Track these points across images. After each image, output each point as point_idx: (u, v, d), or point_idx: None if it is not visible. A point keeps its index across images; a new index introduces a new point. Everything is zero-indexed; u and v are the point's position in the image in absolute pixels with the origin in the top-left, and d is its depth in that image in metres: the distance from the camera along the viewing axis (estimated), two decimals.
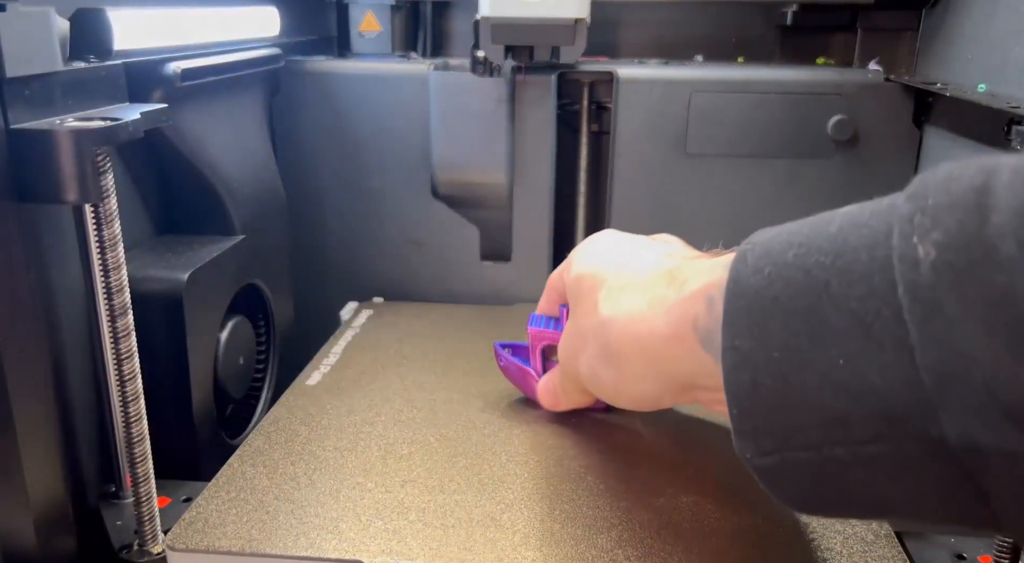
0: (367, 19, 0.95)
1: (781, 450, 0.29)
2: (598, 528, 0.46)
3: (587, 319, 0.45)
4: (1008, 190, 0.23)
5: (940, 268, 0.24)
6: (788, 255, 0.30)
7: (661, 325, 0.38)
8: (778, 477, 0.31)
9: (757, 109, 0.81)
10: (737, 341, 0.30)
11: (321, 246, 0.89)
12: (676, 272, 0.40)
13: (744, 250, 0.33)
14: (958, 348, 0.24)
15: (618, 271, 0.44)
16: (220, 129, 0.69)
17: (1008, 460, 0.24)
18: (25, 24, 0.42)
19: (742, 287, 0.31)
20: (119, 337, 0.45)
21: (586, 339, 0.45)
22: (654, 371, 0.40)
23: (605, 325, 0.43)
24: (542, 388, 0.55)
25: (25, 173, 0.42)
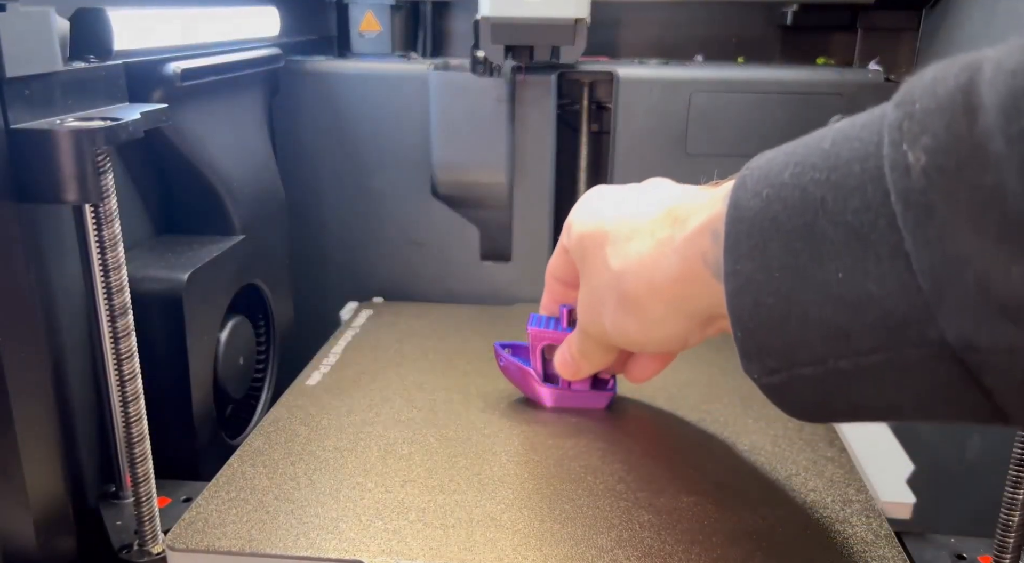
0: (367, 19, 0.95)
1: (787, 368, 0.30)
2: (598, 528, 0.46)
3: (599, 276, 0.44)
4: (991, 86, 0.23)
5: (931, 172, 0.24)
6: (784, 175, 0.30)
7: (672, 266, 0.38)
8: (786, 394, 0.31)
9: (757, 109, 0.81)
10: (739, 265, 0.31)
11: (321, 246, 0.89)
12: (676, 211, 0.40)
13: (743, 176, 0.34)
14: (951, 250, 0.24)
15: (618, 222, 0.44)
16: (220, 129, 0.69)
17: (1007, 356, 0.24)
18: (25, 24, 0.42)
19: (742, 212, 0.31)
20: (119, 337, 0.45)
21: (603, 296, 0.44)
22: (675, 312, 0.40)
23: (618, 277, 0.42)
24: (560, 362, 0.54)
25: (25, 173, 0.42)
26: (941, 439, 0.73)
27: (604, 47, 0.98)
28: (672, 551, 0.44)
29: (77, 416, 0.51)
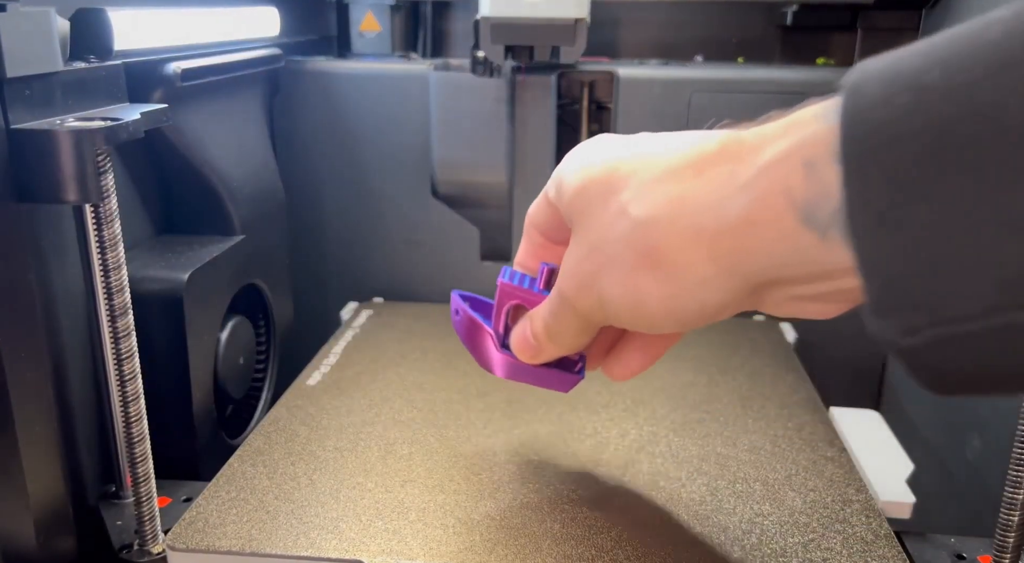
0: (367, 19, 0.95)
1: (941, 323, 0.24)
2: (598, 528, 0.46)
3: (610, 229, 0.35)
4: None
5: None
6: (929, 77, 0.23)
7: (735, 209, 0.30)
8: (932, 358, 0.25)
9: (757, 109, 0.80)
10: (871, 198, 0.24)
11: (321, 246, 0.89)
12: (736, 143, 0.34)
13: (855, 82, 0.26)
14: None
15: (641, 162, 0.35)
16: (220, 129, 0.69)
17: None
18: (25, 24, 0.42)
19: (867, 127, 0.24)
20: (119, 337, 0.45)
21: (613, 254, 0.34)
22: (727, 271, 0.31)
23: (644, 227, 0.33)
24: (518, 338, 0.42)
25: (25, 173, 0.42)
26: (941, 439, 0.73)
27: (604, 47, 0.98)
28: (671, 550, 0.44)
29: (77, 416, 0.51)
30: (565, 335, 0.39)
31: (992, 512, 0.46)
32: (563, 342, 0.40)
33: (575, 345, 0.40)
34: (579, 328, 0.38)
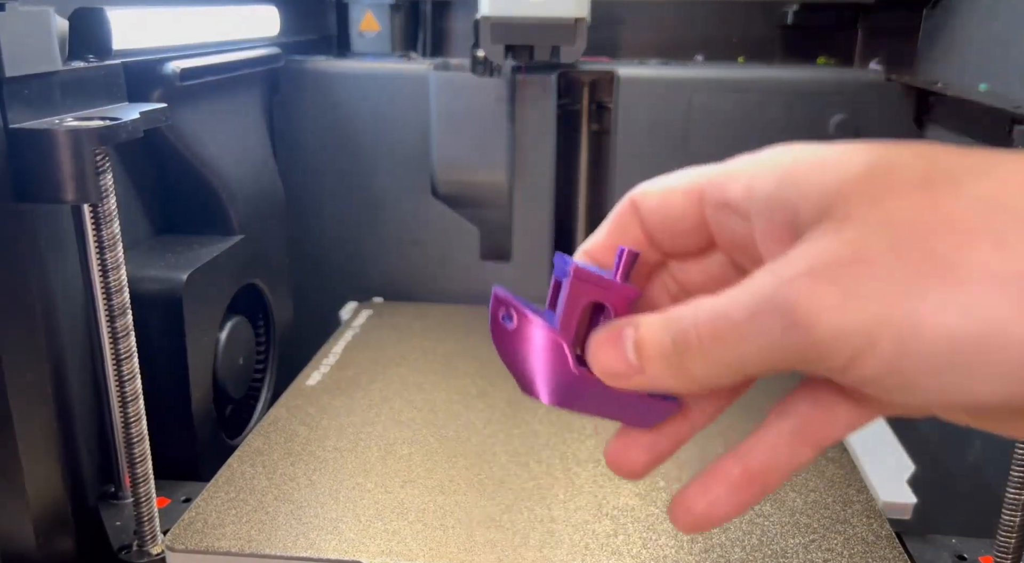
0: (367, 18, 0.95)
1: None
2: (598, 528, 0.46)
3: (945, 229, 0.20)
4: None
5: None
6: None
7: None
8: None
9: (758, 109, 0.81)
10: None
11: (321, 246, 0.89)
12: None
13: None
14: None
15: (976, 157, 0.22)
16: (219, 129, 0.69)
17: None
18: (24, 24, 0.42)
19: None
20: (118, 337, 0.45)
21: (946, 263, 0.20)
22: None
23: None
24: (606, 350, 0.26)
25: (24, 173, 0.42)
26: (942, 440, 0.73)
27: (604, 47, 0.98)
28: (672, 551, 0.44)
29: (76, 416, 0.51)
30: (716, 365, 0.23)
31: (994, 513, 0.46)
32: (699, 373, 0.24)
33: (712, 381, 0.24)
34: (757, 361, 0.23)
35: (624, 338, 0.25)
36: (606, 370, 0.26)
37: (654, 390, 0.26)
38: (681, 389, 0.25)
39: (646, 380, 0.25)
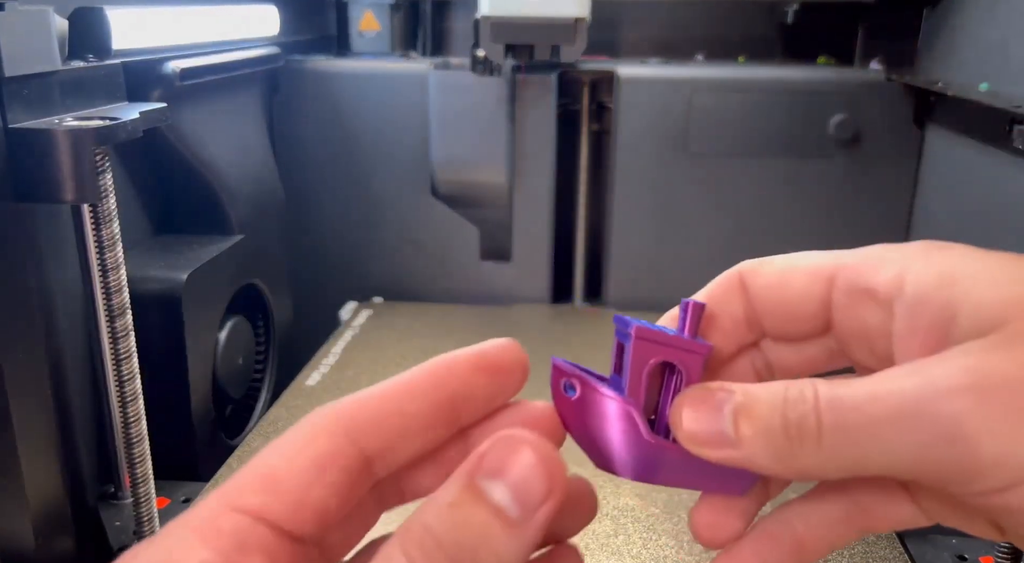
0: (366, 18, 0.95)
1: None
2: (598, 528, 0.46)
3: None
4: None
5: None
6: None
7: None
8: None
9: (758, 108, 0.81)
10: None
11: (321, 246, 0.89)
12: None
13: None
14: None
15: None
16: (219, 128, 0.69)
17: None
18: (24, 23, 0.42)
19: None
20: (118, 337, 0.45)
21: None
22: None
23: None
24: (697, 417, 0.23)
25: (23, 173, 0.42)
26: None
27: (605, 46, 0.97)
28: (672, 551, 0.44)
29: (76, 416, 0.51)
30: (832, 459, 0.21)
31: None
32: (807, 463, 0.21)
33: (817, 474, 0.22)
34: (883, 463, 0.20)
35: (719, 403, 0.22)
36: (693, 436, 0.23)
37: (738, 466, 0.23)
38: (775, 473, 0.22)
39: (737, 455, 0.22)
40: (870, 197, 0.82)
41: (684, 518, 0.47)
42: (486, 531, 0.18)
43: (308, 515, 0.19)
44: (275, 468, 0.19)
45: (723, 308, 0.26)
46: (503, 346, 0.22)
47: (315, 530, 0.19)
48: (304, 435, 0.20)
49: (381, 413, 0.20)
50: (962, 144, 0.72)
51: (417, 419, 0.21)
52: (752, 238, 0.84)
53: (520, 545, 0.18)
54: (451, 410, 0.21)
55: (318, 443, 0.19)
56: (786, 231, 0.83)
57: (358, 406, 0.20)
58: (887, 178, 0.81)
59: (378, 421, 0.20)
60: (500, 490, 0.18)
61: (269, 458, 0.19)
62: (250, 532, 0.18)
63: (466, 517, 0.18)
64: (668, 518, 0.47)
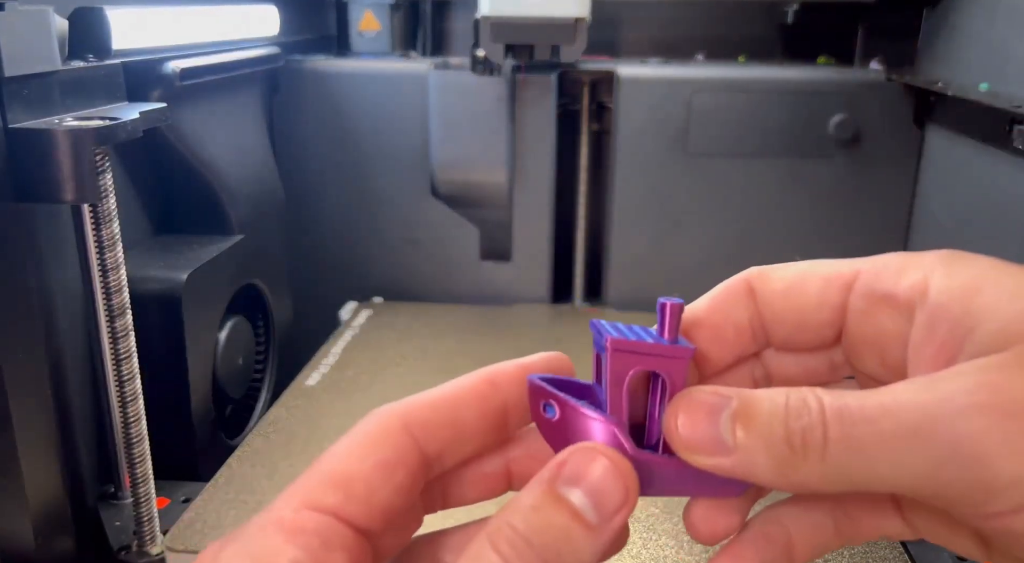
0: (366, 18, 0.95)
1: None
2: None
3: None
4: None
5: None
6: None
7: None
8: None
9: (758, 108, 0.81)
10: None
11: (321, 246, 0.89)
12: None
13: None
14: None
15: None
16: (219, 128, 0.69)
17: None
18: (24, 23, 0.42)
19: None
20: (118, 337, 0.45)
21: None
22: None
23: None
24: (693, 425, 0.22)
25: (23, 173, 0.42)
26: None
27: (605, 45, 0.97)
28: (673, 552, 0.44)
29: (76, 416, 0.51)
30: (837, 473, 0.20)
31: None
32: (808, 476, 0.20)
33: (818, 487, 0.21)
34: (891, 480, 0.20)
35: (716, 409, 0.21)
36: (687, 444, 0.22)
37: (734, 475, 0.21)
38: (771, 484, 0.21)
39: (733, 464, 0.21)
40: (870, 197, 0.82)
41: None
42: (568, 533, 0.19)
43: (377, 514, 0.19)
44: (349, 468, 0.20)
45: (727, 316, 0.24)
46: (551, 359, 0.23)
47: (382, 529, 0.20)
48: (373, 436, 0.20)
49: (441, 417, 0.21)
50: (962, 144, 0.72)
51: (471, 425, 0.21)
52: (752, 238, 0.84)
53: (598, 547, 0.19)
54: (501, 418, 0.22)
55: (387, 444, 0.20)
56: (786, 231, 0.83)
57: (420, 408, 0.21)
58: (887, 178, 0.81)
59: (438, 424, 0.21)
60: (578, 496, 0.19)
61: (341, 458, 0.20)
62: (332, 531, 0.19)
63: (549, 519, 0.19)
64: (668, 518, 0.47)
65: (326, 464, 0.20)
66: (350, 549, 0.19)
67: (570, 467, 0.20)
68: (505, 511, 0.19)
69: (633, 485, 0.20)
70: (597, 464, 0.20)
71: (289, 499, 0.19)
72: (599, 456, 0.20)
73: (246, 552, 0.18)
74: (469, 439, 0.22)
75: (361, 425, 0.21)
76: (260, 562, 0.18)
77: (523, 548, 0.18)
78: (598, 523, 0.19)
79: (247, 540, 0.19)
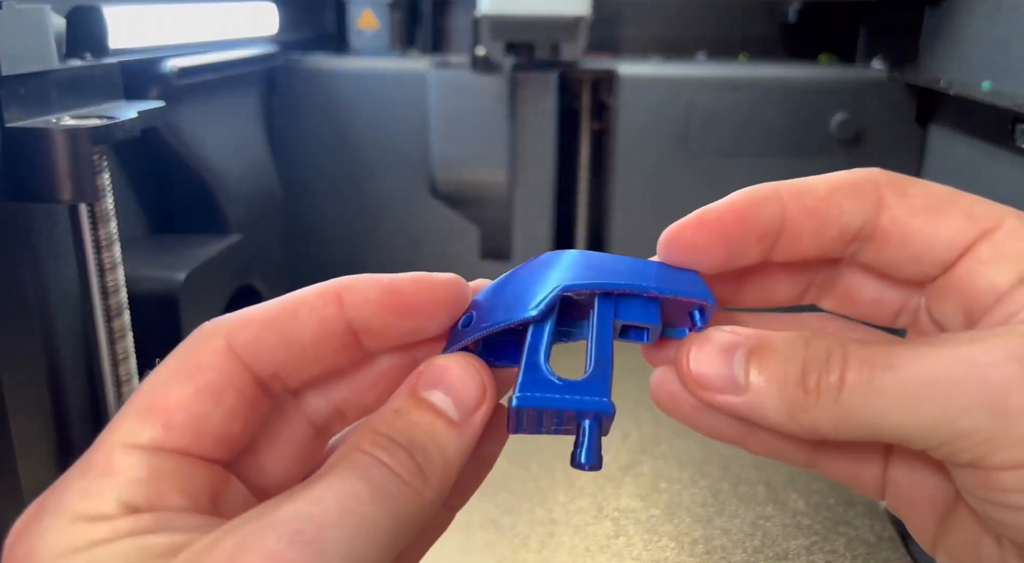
0: (365, 16, 0.94)
1: None
2: (599, 529, 0.46)
3: None
4: None
5: None
6: None
7: None
8: None
9: (759, 107, 0.80)
10: None
11: (319, 245, 0.89)
12: None
13: None
14: None
15: None
16: (217, 127, 0.69)
17: None
18: (21, 22, 0.41)
19: None
20: (115, 339, 0.45)
21: None
22: None
23: None
24: (706, 352, 0.21)
25: (20, 172, 0.42)
26: None
27: (606, 43, 0.97)
28: (674, 553, 0.44)
29: (74, 419, 0.51)
30: (849, 419, 0.20)
31: None
32: (818, 420, 0.20)
33: (826, 433, 0.20)
34: (902, 430, 0.19)
35: (731, 346, 0.21)
36: (698, 380, 0.21)
37: (741, 415, 0.21)
38: (780, 427, 0.20)
39: (743, 404, 0.20)
40: None
41: (685, 520, 0.47)
42: (432, 429, 0.19)
43: (215, 442, 0.18)
44: (166, 397, 0.18)
45: (844, 214, 0.22)
46: (422, 282, 0.20)
47: (226, 455, 0.19)
48: (194, 359, 0.19)
49: (271, 336, 0.19)
50: (964, 143, 0.72)
51: (310, 346, 0.20)
52: None
53: (463, 442, 0.19)
54: (349, 338, 0.20)
55: (210, 367, 0.19)
56: None
57: (247, 326, 0.19)
58: None
59: (269, 345, 0.19)
60: (439, 396, 0.19)
61: (158, 386, 0.19)
62: (155, 466, 0.17)
63: (412, 419, 0.19)
64: (669, 519, 0.47)
65: (143, 395, 0.19)
66: (191, 482, 0.18)
67: (428, 373, 0.20)
68: (367, 420, 0.19)
69: (489, 381, 0.20)
70: (454, 367, 0.20)
71: (105, 438, 0.18)
72: (455, 361, 0.20)
73: (70, 511, 0.17)
74: (311, 360, 0.20)
75: (182, 347, 0.20)
76: (82, 518, 0.17)
77: (391, 447, 0.18)
78: (460, 419, 0.19)
79: (59, 499, 0.17)
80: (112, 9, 0.52)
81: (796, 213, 0.22)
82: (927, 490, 0.22)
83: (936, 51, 0.80)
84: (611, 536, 0.46)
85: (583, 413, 0.20)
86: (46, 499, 0.17)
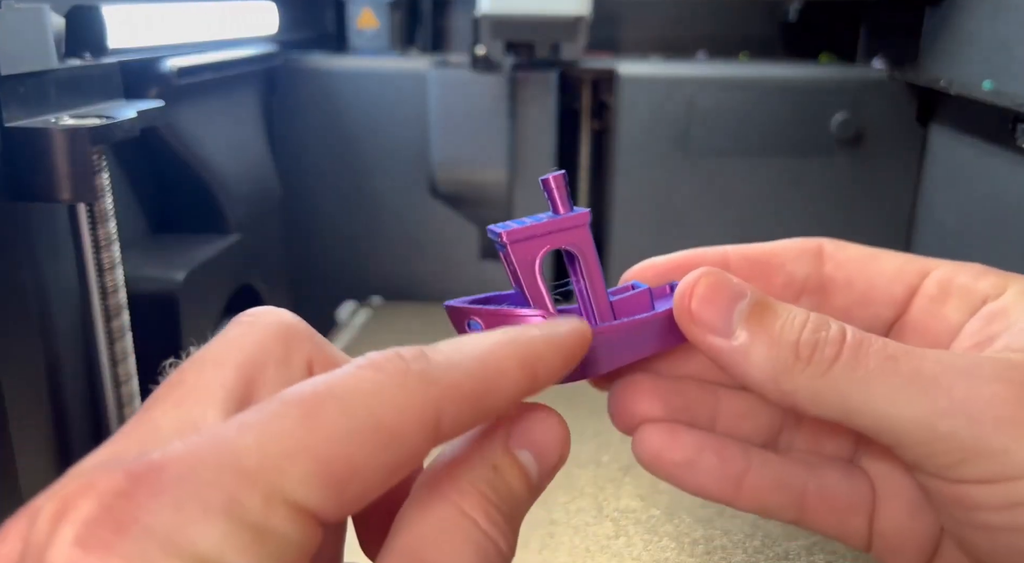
0: (365, 15, 0.94)
1: None
2: (599, 529, 0.46)
3: None
4: None
5: None
6: None
7: None
8: None
9: (759, 106, 0.80)
10: None
11: (319, 245, 0.89)
12: None
13: None
14: None
15: None
16: (216, 127, 0.69)
17: None
18: (20, 21, 0.41)
19: None
20: (114, 339, 0.45)
21: None
22: None
23: None
24: (711, 295, 0.21)
25: (19, 172, 0.42)
26: None
27: (606, 42, 0.97)
28: (674, 553, 0.44)
29: (73, 419, 0.51)
30: (828, 390, 0.20)
31: None
32: (799, 385, 0.20)
33: (797, 401, 0.21)
34: (874, 416, 0.20)
35: (737, 295, 0.21)
36: (695, 316, 0.21)
37: (724, 364, 0.21)
38: (758, 387, 0.20)
39: (729, 351, 0.20)
40: (873, 196, 0.82)
41: (686, 520, 0.47)
42: (520, 491, 0.19)
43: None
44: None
45: (784, 264, 0.24)
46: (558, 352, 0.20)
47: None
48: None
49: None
50: (965, 143, 0.72)
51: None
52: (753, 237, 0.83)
53: (532, 502, 0.19)
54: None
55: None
56: (788, 230, 0.83)
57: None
58: (890, 177, 0.81)
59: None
60: (527, 457, 0.19)
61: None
62: None
63: (507, 480, 0.18)
64: (669, 520, 0.47)
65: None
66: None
67: (521, 427, 0.19)
68: (466, 469, 0.18)
69: (568, 444, 0.20)
70: (544, 426, 0.19)
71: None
72: (545, 419, 0.20)
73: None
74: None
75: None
76: None
77: (498, 520, 0.18)
78: (538, 483, 0.19)
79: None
80: (111, 9, 0.52)
81: (738, 262, 0.24)
82: (913, 537, 0.23)
83: (937, 51, 0.80)
84: (611, 536, 0.46)
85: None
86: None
